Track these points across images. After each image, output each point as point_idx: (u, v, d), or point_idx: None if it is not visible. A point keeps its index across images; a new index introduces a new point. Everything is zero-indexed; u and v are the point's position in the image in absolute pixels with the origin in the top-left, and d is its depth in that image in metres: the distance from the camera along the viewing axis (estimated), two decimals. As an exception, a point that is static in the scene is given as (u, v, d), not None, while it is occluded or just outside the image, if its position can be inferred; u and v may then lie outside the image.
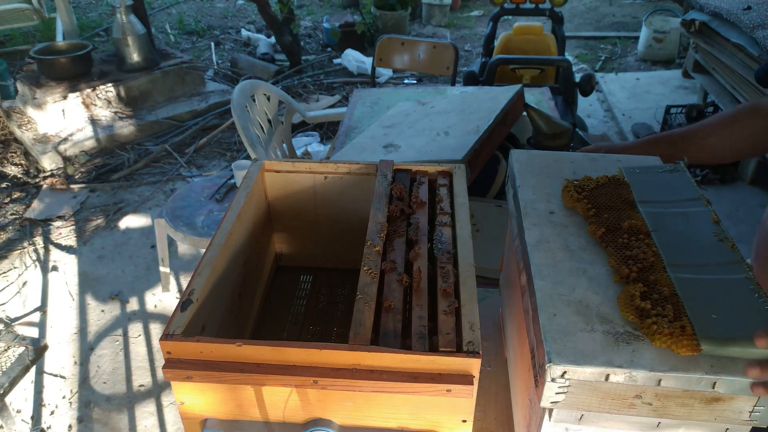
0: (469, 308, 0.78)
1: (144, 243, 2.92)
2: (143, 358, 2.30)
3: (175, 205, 2.23)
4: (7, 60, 4.52)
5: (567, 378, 0.68)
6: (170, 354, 0.75)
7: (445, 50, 2.88)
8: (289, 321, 1.18)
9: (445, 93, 2.10)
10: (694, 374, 0.65)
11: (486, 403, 1.04)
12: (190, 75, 4.14)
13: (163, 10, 6.42)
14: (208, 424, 0.81)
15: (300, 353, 0.73)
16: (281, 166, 1.16)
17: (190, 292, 0.82)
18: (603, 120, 4.11)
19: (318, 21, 5.99)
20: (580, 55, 5.34)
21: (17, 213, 3.15)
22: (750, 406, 0.67)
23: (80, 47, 3.83)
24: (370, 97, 2.22)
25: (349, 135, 1.94)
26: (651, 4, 6.39)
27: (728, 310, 0.70)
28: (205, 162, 3.63)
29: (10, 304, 2.56)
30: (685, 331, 0.68)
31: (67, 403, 2.12)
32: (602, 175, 0.96)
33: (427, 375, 0.72)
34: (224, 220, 0.98)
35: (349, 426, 0.79)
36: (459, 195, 1.04)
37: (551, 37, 3.26)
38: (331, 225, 1.23)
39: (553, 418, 0.74)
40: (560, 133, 1.67)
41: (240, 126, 2.04)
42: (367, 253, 0.89)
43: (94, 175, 3.46)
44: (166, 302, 2.57)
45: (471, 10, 6.61)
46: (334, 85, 4.60)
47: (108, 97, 3.81)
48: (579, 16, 6.36)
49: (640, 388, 0.68)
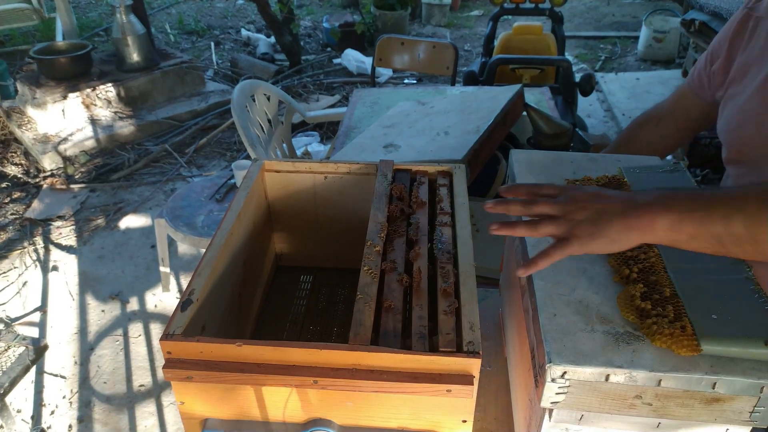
0: (469, 308, 0.78)
1: (144, 243, 2.92)
2: (143, 358, 2.30)
3: (175, 205, 2.23)
4: (7, 60, 4.52)
5: (567, 378, 0.68)
6: (170, 354, 0.75)
7: (444, 50, 2.88)
8: (289, 321, 1.18)
9: (444, 93, 2.10)
10: (694, 374, 0.65)
11: (486, 403, 1.04)
12: (190, 75, 4.14)
13: (163, 9, 6.42)
14: (208, 424, 0.81)
15: (300, 353, 0.73)
16: (281, 166, 1.16)
17: (190, 292, 0.82)
18: (603, 120, 4.11)
19: (318, 21, 5.99)
20: (580, 54, 5.34)
21: (17, 213, 3.15)
22: (750, 406, 0.67)
23: (80, 47, 3.83)
24: (370, 97, 2.22)
25: (349, 135, 1.94)
26: (651, 4, 6.39)
27: (728, 311, 0.70)
28: (205, 162, 3.63)
29: (10, 304, 2.56)
30: (686, 332, 0.68)
31: (67, 403, 2.12)
32: (602, 175, 0.96)
33: (427, 375, 0.72)
34: (224, 220, 0.98)
35: (349, 426, 0.79)
36: (459, 195, 1.04)
37: (551, 36, 3.26)
38: (331, 225, 1.23)
39: (553, 419, 0.74)
40: (560, 133, 1.67)
41: (240, 126, 2.04)
42: (367, 253, 0.89)
43: (94, 175, 3.46)
44: (167, 302, 2.57)
45: (471, 9, 6.61)
46: (334, 84, 4.60)
47: (108, 97, 3.81)
48: (579, 16, 6.36)
49: (640, 389, 0.68)
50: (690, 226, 0.63)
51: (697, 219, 0.62)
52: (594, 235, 0.66)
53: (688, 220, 0.63)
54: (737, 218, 0.61)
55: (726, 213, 0.61)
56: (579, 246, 0.67)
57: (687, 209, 0.63)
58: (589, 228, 0.66)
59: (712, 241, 0.62)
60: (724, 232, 0.61)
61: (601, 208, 0.67)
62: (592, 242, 0.66)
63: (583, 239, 0.66)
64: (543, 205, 0.69)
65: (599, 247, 0.67)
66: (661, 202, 0.64)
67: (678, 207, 0.63)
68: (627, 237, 0.65)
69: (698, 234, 0.62)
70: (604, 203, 0.67)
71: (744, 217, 0.61)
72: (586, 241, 0.66)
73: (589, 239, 0.66)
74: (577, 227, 0.67)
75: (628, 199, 0.67)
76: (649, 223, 0.64)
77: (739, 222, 0.61)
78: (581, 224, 0.67)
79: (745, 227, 0.61)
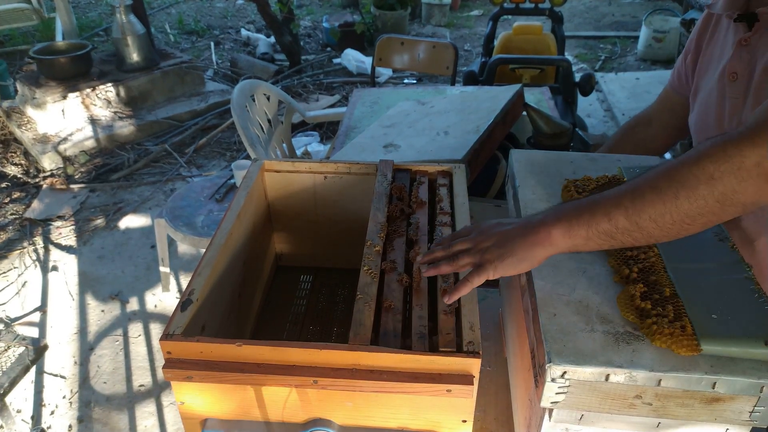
0: (469, 308, 0.78)
1: (144, 243, 2.92)
2: (143, 358, 2.30)
3: (175, 205, 2.22)
4: (7, 60, 4.52)
5: (567, 378, 0.68)
6: (170, 354, 0.75)
7: (444, 50, 2.88)
8: (289, 321, 1.18)
9: (444, 93, 2.10)
10: (694, 374, 0.65)
11: (486, 403, 1.04)
12: (190, 75, 4.14)
13: (163, 9, 6.42)
14: (208, 424, 0.81)
15: (300, 353, 0.73)
16: (281, 166, 1.16)
17: (190, 292, 0.82)
18: (603, 120, 4.11)
19: (317, 21, 5.99)
20: (580, 54, 5.34)
21: (17, 213, 3.15)
22: (750, 406, 0.67)
23: (80, 47, 3.82)
24: (369, 97, 2.22)
25: (349, 135, 1.94)
26: (651, 4, 6.39)
27: (728, 310, 0.70)
28: (205, 162, 3.63)
29: (10, 304, 2.56)
30: (685, 331, 0.68)
31: (67, 403, 2.12)
32: (602, 175, 0.96)
33: (427, 375, 0.72)
34: (224, 220, 0.98)
35: (349, 426, 0.79)
36: (459, 195, 1.04)
37: (551, 36, 3.25)
38: (331, 225, 1.23)
39: (553, 418, 0.74)
40: (560, 132, 1.67)
41: (240, 126, 2.04)
42: (367, 252, 0.89)
43: (93, 175, 3.46)
44: (166, 302, 2.56)
45: (471, 9, 6.61)
46: (334, 84, 4.60)
47: (108, 97, 3.81)
48: (579, 16, 6.36)
49: (640, 389, 0.68)
50: (581, 229, 0.69)
51: (584, 222, 0.69)
52: (502, 257, 0.73)
53: (577, 225, 0.69)
54: (617, 212, 0.67)
55: (607, 210, 0.67)
56: (492, 269, 0.74)
57: (575, 215, 0.70)
58: (497, 251, 0.73)
59: (605, 237, 0.68)
60: (611, 227, 0.67)
61: (503, 233, 0.75)
62: (501, 264, 0.73)
63: (494, 262, 0.73)
64: (459, 244, 0.78)
65: (510, 267, 0.73)
66: (553, 216, 0.72)
67: (566, 216, 0.70)
68: (532, 253, 0.72)
69: (590, 235, 0.69)
70: (506, 229, 0.75)
71: (623, 209, 0.66)
72: (497, 264, 0.73)
73: (499, 261, 0.73)
74: (487, 253, 0.74)
75: (525, 221, 0.75)
76: (546, 236, 0.71)
77: (620, 215, 0.67)
78: (489, 250, 0.74)
79: (626, 218, 0.66)
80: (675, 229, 0.66)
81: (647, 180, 0.67)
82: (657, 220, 0.65)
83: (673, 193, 0.64)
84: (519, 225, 0.75)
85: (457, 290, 0.76)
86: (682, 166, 0.64)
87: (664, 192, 0.64)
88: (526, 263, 0.73)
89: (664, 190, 0.64)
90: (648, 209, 0.65)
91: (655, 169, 0.67)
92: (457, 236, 0.80)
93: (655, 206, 0.65)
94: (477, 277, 0.74)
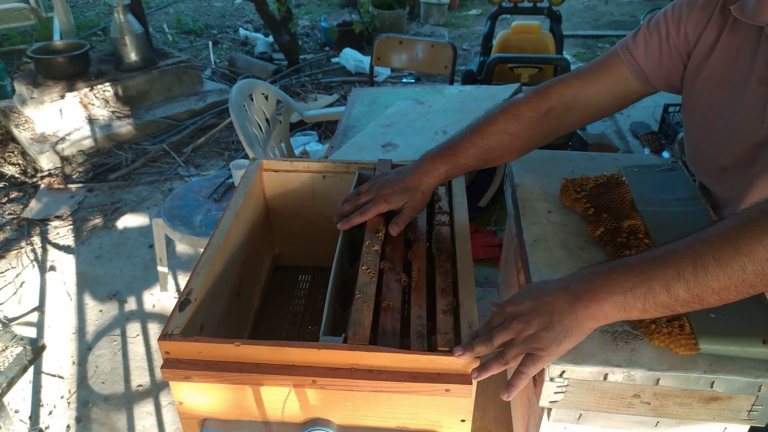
0: (468, 307, 0.78)
1: (142, 243, 2.92)
2: (141, 357, 2.29)
3: (173, 205, 2.22)
4: (5, 59, 4.50)
5: (565, 377, 0.68)
6: (169, 354, 0.75)
7: (443, 49, 2.88)
8: (288, 320, 1.18)
9: (443, 92, 2.10)
10: (693, 373, 0.66)
11: (485, 403, 1.04)
12: (188, 74, 4.13)
13: (161, 9, 6.41)
14: (207, 424, 0.81)
15: (298, 353, 0.73)
16: (279, 166, 1.16)
17: (188, 292, 0.82)
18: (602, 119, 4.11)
19: (316, 20, 5.98)
20: (578, 53, 5.34)
21: (15, 213, 3.14)
22: (748, 404, 0.67)
23: (78, 47, 3.82)
24: (368, 96, 2.22)
25: (348, 134, 1.93)
26: (649, 3, 6.40)
27: (726, 310, 0.70)
28: (203, 161, 3.63)
29: (7, 304, 2.55)
30: (684, 331, 0.68)
31: (65, 403, 2.12)
32: (600, 174, 0.96)
33: (425, 374, 0.72)
34: (222, 219, 0.98)
35: (348, 426, 0.79)
36: (457, 194, 1.04)
37: (549, 35, 3.26)
38: (329, 224, 1.22)
39: (551, 418, 0.74)
40: (558, 132, 1.66)
41: (238, 125, 2.03)
42: (366, 252, 0.89)
43: (91, 174, 3.46)
44: (165, 302, 2.56)
45: (469, 8, 6.61)
46: (332, 84, 4.60)
47: (105, 96, 3.80)
48: (577, 15, 6.36)
49: (638, 388, 0.68)
50: (637, 302, 0.64)
51: (640, 296, 0.64)
52: (558, 340, 0.66)
53: (633, 299, 0.64)
54: (678, 285, 0.62)
55: (666, 283, 0.62)
56: (548, 356, 0.67)
57: (629, 288, 0.64)
58: (549, 335, 0.66)
59: (662, 309, 0.64)
60: (670, 301, 0.63)
61: (547, 313, 0.67)
62: (558, 348, 0.67)
63: (549, 348, 0.67)
64: (499, 335, 0.70)
65: (566, 348, 0.67)
66: (601, 286, 0.65)
67: (619, 288, 0.64)
68: (585, 329, 0.66)
69: (647, 307, 0.64)
70: (546, 308, 0.68)
71: (683, 283, 0.62)
72: (553, 349, 0.67)
73: (555, 346, 0.66)
74: (535, 341, 0.67)
75: (566, 291, 0.67)
76: (599, 310, 0.65)
77: (681, 289, 0.62)
78: (539, 337, 0.67)
79: (687, 291, 0.62)
80: (737, 298, 0.62)
81: (708, 246, 0.62)
82: (721, 293, 0.61)
83: (740, 267, 0.60)
84: (561, 299, 0.67)
85: (514, 386, 0.70)
86: (745, 232, 0.60)
87: (729, 266, 0.60)
88: (580, 338, 0.67)
89: (730, 263, 0.60)
90: (712, 283, 0.61)
91: (713, 233, 0.62)
92: (493, 325, 0.72)
93: (720, 280, 0.60)
94: (533, 367, 0.68)
